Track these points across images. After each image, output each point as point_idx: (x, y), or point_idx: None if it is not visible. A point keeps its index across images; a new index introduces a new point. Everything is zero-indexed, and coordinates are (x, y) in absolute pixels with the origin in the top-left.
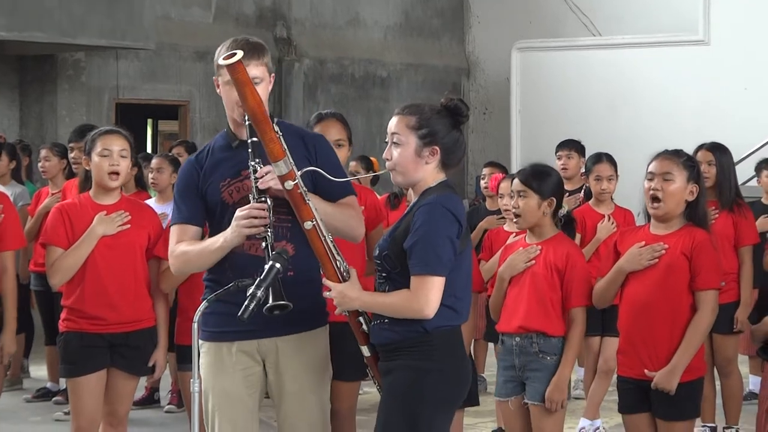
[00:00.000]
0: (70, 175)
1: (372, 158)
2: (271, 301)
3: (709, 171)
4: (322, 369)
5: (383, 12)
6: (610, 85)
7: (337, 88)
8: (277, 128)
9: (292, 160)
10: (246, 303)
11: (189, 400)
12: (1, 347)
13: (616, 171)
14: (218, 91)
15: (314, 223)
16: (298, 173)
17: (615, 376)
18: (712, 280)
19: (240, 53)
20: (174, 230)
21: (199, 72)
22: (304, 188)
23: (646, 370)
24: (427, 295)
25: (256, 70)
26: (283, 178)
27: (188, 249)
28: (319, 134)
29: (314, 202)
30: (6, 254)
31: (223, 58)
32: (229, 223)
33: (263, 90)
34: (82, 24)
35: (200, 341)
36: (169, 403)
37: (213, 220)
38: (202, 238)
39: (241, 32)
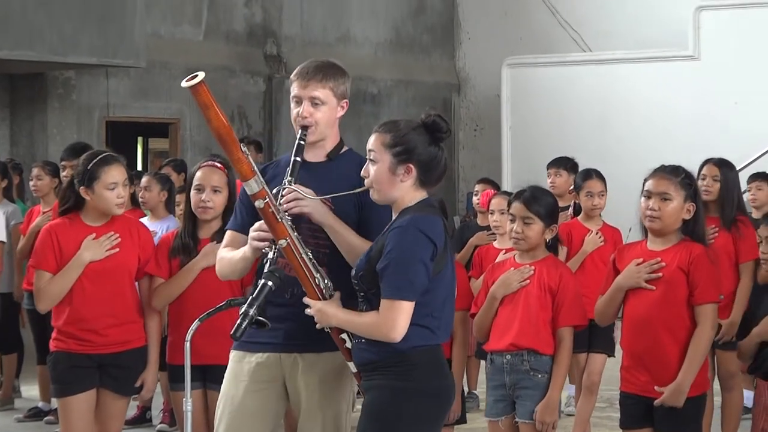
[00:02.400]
0: None
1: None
2: (252, 316)
3: (713, 186)
4: (342, 389)
5: (373, 28)
6: (600, 101)
7: None
8: (244, 148)
9: (262, 179)
10: (238, 321)
11: (182, 419)
12: None
13: (605, 187)
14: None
15: (288, 241)
16: (270, 192)
17: (618, 392)
18: (709, 294)
19: (201, 75)
20: (227, 235)
21: (190, 92)
22: (276, 207)
23: (656, 387)
24: (394, 320)
25: (316, 91)
26: (254, 197)
27: (225, 255)
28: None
29: (342, 231)
30: None
31: (186, 80)
32: None
33: (326, 113)
34: (73, 42)
35: (233, 350)
36: (161, 422)
37: None
38: None
39: (231, 49)
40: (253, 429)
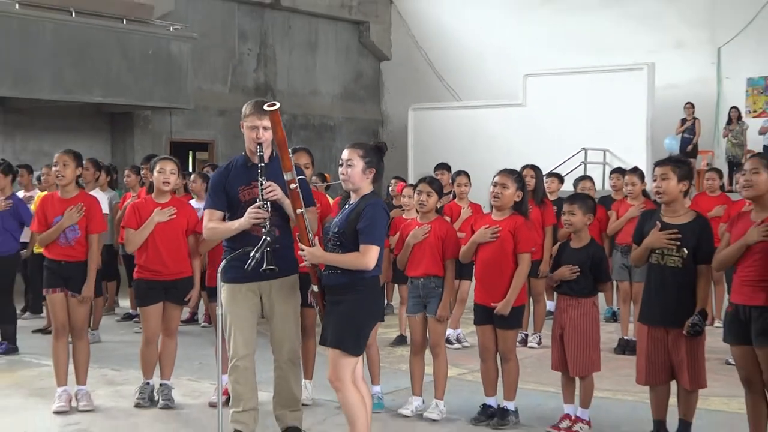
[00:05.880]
0: (142, 184)
1: (326, 174)
2: (265, 265)
3: (531, 181)
4: (296, 298)
5: (331, 86)
6: (467, 130)
7: (304, 133)
8: (291, 153)
9: (296, 172)
10: (249, 261)
11: (216, 320)
12: (85, 294)
13: (470, 180)
14: (243, 130)
15: (302, 210)
16: (296, 178)
17: (471, 302)
18: (526, 247)
19: (278, 105)
20: (207, 212)
21: (220, 123)
22: (299, 189)
23: (492, 303)
24: (372, 257)
25: (265, 121)
26: (289, 182)
27: (216, 226)
28: (300, 168)
29: (289, 206)
30: (93, 236)
31: (267, 105)
32: (242, 212)
33: (270, 133)
34: (150, 93)
35: (223, 284)
36: (203, 322)
37: (231, 209)
38: (224, 219)
39: (246, 98)
40: (251, 330)
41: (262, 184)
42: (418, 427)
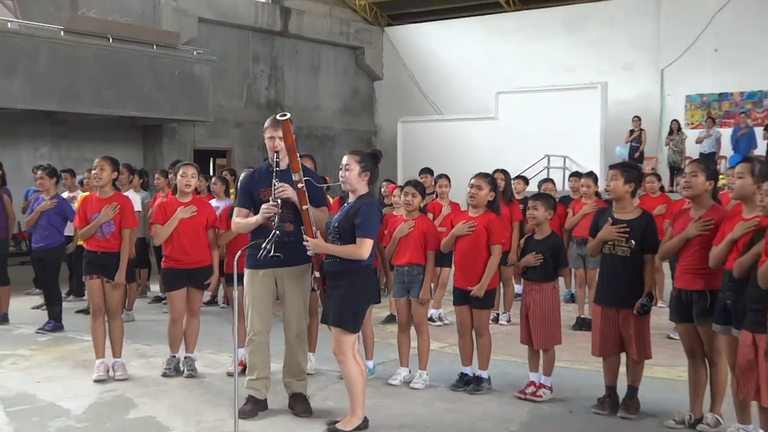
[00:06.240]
0: (170, 186)
1: (326, 178)
2: (272, 252)
3: (501, 183)
4: (304, 284)
5: (332, 102)
6: (448, 139)
7: (308, 142)
8: (299, 157)
9: (302, 174)
10: (261, 250)
11: (232, 302)
12: (117, 280)
13: (449, 182)
14: (265, 141)
15: (307, 206)
16: (303, 179)
17: (451, 286)
18: (497, 239)
19: (288, 115)
20: (235, 210)
21: (237, 133)
22: (305, 188)
23: (468, 286)
24: (366, 248)
25: (279, 132)
26: (296, 182)
27: (240, 221)
28: (314, 171)
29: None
30: (125, 230)
31: (279, 116)
32: None
33: (283, 143)
34: (176, 108)
35: (245, 269)
36: (222, 303)
37: (256, 207)
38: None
39: (259, 114)
40: (267, 310)
41: (274, 185)
42: (406, 393)
